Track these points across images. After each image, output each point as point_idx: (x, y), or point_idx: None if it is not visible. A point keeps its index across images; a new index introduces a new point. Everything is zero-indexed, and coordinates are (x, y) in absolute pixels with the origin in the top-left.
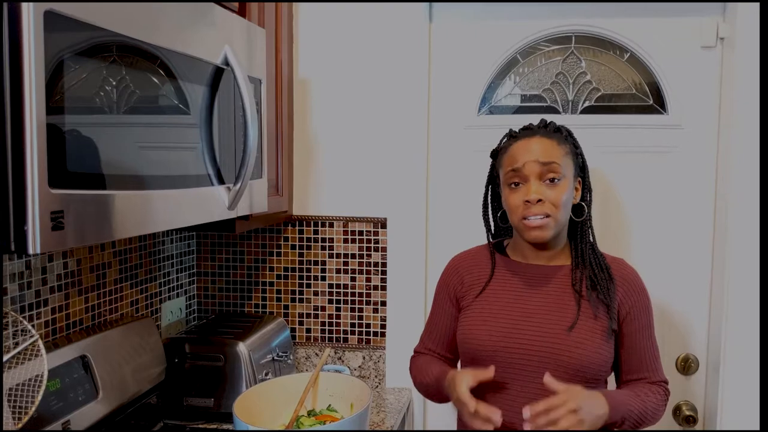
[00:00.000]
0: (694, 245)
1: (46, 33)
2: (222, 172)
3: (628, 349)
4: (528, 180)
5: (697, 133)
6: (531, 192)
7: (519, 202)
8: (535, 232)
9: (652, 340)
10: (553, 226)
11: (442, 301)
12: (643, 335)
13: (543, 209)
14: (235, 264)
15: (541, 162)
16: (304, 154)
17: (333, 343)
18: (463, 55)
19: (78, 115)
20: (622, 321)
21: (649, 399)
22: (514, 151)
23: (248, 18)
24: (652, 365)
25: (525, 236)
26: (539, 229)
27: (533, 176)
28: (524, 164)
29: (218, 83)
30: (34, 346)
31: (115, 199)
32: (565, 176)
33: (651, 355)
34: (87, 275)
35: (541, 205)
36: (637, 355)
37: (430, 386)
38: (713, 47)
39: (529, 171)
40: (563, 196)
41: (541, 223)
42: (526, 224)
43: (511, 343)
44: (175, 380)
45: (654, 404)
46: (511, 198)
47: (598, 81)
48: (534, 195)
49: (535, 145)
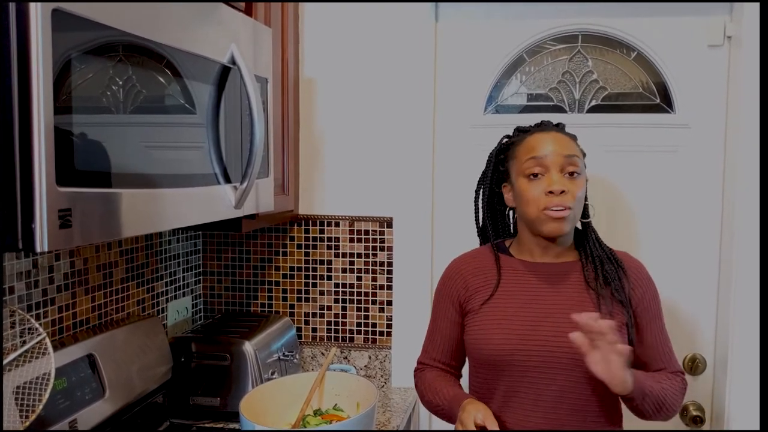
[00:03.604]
0: (701, 245)
1: (54, 32)
2: (228, 171)
3: (642, 341)
4: (549, 171)
5: (704, 132)
6: (554, 183)
7: (538, 193)
8: (555, 224)
9: (664, 331)
10: (572, 220)
11: (444, 308)
12: (655, 326)
13: (565, 201)
14: (241, 263)
15: (565, 154)
16: (310, 153)
17: (339, 343)
18: (469, 55)
19: (85, 114)
20: (633, 313)
21: (668, 385)
22: (534, 142)
23: (254, 17)
24: (667, 356)
25: (543, 229)
26: (560, 222)
27: (555, 168)
28: (547, 154)
29: (225, 82)
30: (42, 344)
31: (122, 198)
32: (582, 172)
33: (665, 346)
34: (94, 274)
35: (564, 196)
36: (652, 347)
37: (441, 408)
38: (720, 46)
39: (551, 162)
40: (581, 191)
41: (563, 214)
42: (548, 215)
43: (529, 346)
44: (182, 379)
45: (672, 392)
46: (530, 189)
47: (604, 80)
48: (558, 186)
49: (555, 138)
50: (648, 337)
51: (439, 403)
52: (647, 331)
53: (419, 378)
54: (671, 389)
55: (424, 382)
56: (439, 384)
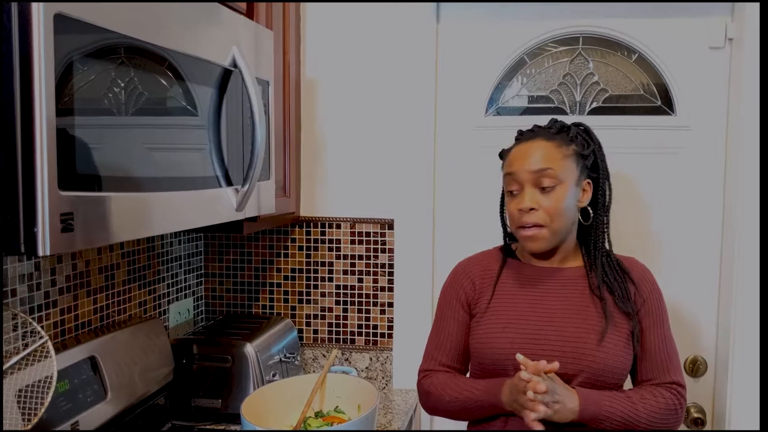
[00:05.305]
0: (702, 247)
1: (56, 35)
2: (230, 174)
3: (641, 346)
4: (523, 187)
5: (705, 134)
6: (524, 200)
7: (513, 209)
8: (528, 242)
9: (666, 340)
10: (548, 236)
11: (452, 309)
12: (653, 333)
13: (535, 219)
14: (242, 265)
15: (533, 170)
16: (311, 155)
17: (340, 345)
18: (471, 56)
19: (87, 116)
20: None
21: (647, 402)
22: (512, 156)
23: (256, 19)
24: (663, 366)
25: (522, 244)
26: (532, 240)
27: (528, 184)
28: (518, 171)
29: (226, 85)
30: (44, 347)
31: (124, 201)
32: (564, 181)
33: (662, 355)
34: (95, 276)
35: (534, 214)
36: (648, 355)
37: (473, 401)
38: (721, 48)
39: (523, 179)
40: (561, 204)
41: (532, 233)
42: (520, 234)
43: (534, 350)
44: (183, 381)
45: (654, 408)
46: (510, 205)
47: (605, 82)
48: (526, 204)
49: (531, 150)
50: (646, 343)
51: (470, 395)
52: (645, 336)
53: (429, 383)
54: (651, 406)
55: (440, 384)
56: (461, 379)
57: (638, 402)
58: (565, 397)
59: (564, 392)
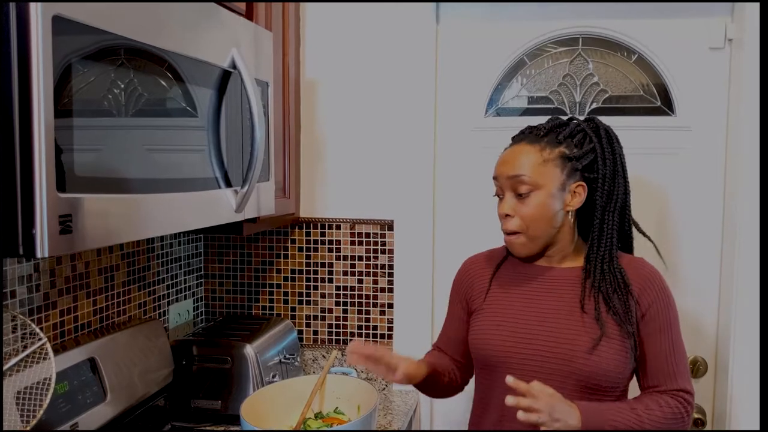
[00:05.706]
0: (702, 247)
1: (54, 37)
2: (229, 175)
3: (644, 353)
4: (504, 192)
5: (705, 134)
6: (504, 206)
7: (499, 214)
8: (510, 248)
9: (673, 345)
10: (526, 242)
11: (453, 306)
12: (659, 338)
13: (512, 226)
14: (242, 266)
15: (509, 176)
16: (311, 156)
17: (340, 345)
18: (470, 57)
19: (86, 118)
20: (638, 322)
21: (652, 413)
22: (498, 161)
23: (255, 20)
24: (669, 372)
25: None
26: (511, 246)
27: (507, 189)
28: (498, 176)
29: (225, 86)
30: (42, 349)
31: (123, 203)
32: (542, 187)
33: (668, 361)
34: (95, 278)
35: (510, 220)
36: (653, 361)
37: None
38: (721, 48)
39: (503, 184)
40: (536, 211)
41: (510, 240)
42: (504, 238)
43: (526, 349)
44: (183, 382)
45: (659, 419)
46: (498, 209)
47: (605, 83)
48: (503, 210)
49: (512, 155)
50: (651, 348)
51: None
52: (650, 341)
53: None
54: (656, 416)
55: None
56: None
57: (643, 413)
58: (566, 414)
59: (564, 408)
